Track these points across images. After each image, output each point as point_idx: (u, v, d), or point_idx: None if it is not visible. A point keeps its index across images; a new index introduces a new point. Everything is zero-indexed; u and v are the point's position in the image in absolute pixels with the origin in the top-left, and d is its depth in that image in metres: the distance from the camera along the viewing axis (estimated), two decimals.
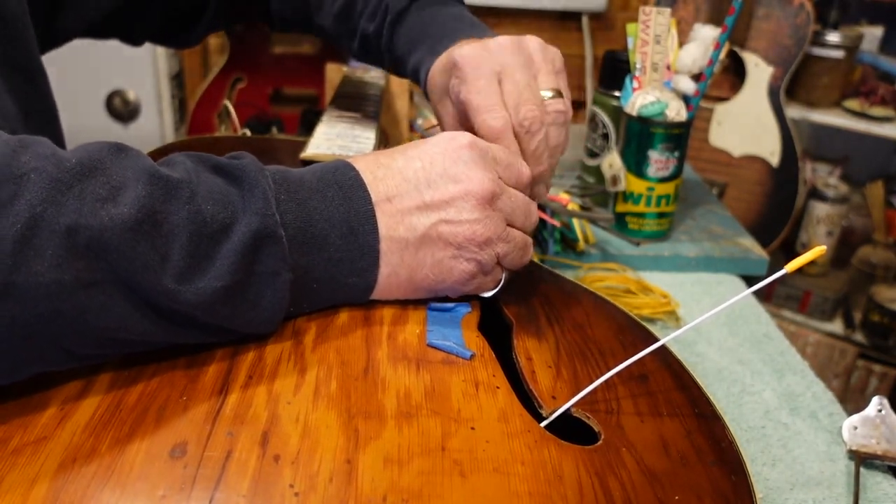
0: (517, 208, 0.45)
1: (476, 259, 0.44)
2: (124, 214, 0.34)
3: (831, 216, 1.66)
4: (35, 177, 0.32)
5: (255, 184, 0.39)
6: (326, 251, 0.41)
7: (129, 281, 0.34)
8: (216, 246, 0.36)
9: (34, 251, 0.32)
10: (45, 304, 0.32)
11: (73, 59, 1.74)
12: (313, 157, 0.69)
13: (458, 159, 0.44)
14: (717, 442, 0.39)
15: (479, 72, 0.51)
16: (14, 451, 0.33)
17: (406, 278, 0.44)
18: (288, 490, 0.32)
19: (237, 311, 0.38)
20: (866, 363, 1.64)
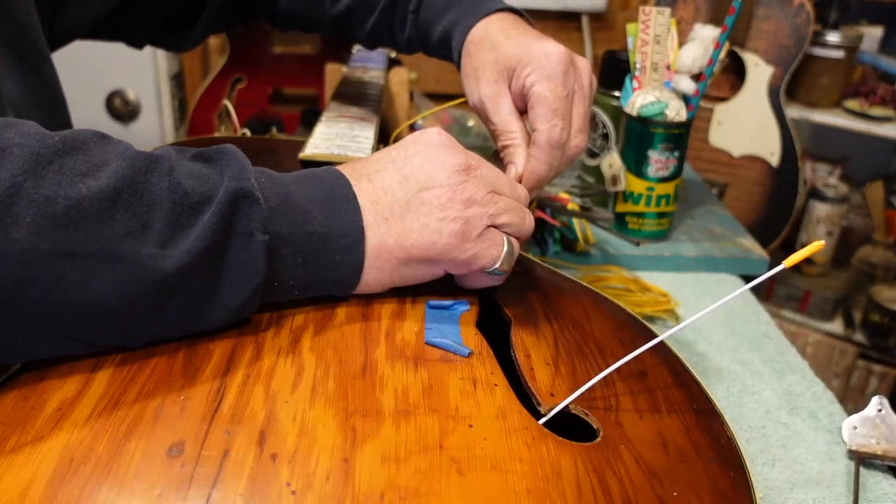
0: (499, 179, 0.46)
1: (462, 217, 0.43)
2: (103, 185, 0.34)
3: (831, 216, 1.66)
4: (18, 151, 0.33)
5: (233, 157, 0.40)
6: (309, 224, 0.41)
7: (108, 252, 0.34)
8: (197, 215, 0.37)
9: (12, 218, 0.32)
10: (20, 271, 0.33)
11: (73, 59, 1.74)
12: (312, 157, 0.69)
13: (430, 143, 0.45)
14: (716, 438, 0.39)
15: (562, 81, 0.53)
16: (11, 451, 0.32)
17: (396, 248, 0.43)
18: (285, 489, 0.32)
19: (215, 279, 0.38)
20: (866, 363, 1.64)
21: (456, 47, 0.60)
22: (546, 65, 0.53)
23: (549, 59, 0.53)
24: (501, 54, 0.55)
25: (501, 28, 0.57)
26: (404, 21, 0.65)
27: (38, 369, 0.38)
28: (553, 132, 0.52)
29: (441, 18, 0.62)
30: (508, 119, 0.55)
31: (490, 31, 0.57)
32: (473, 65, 0.57)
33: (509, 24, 0.57)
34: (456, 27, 0.60)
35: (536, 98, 0.53)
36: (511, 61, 0.54)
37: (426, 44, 0.65)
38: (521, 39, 0.55)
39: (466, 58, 0.58)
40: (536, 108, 0.53)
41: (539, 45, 0.54)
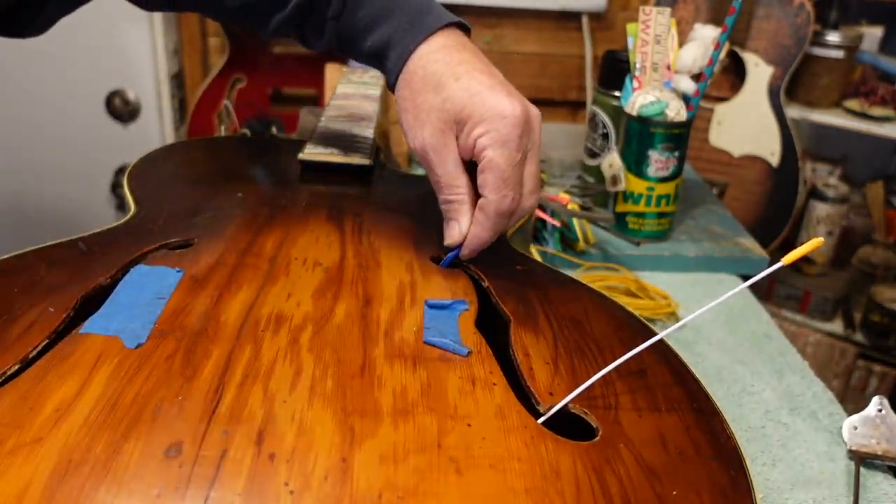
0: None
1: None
2: None
3: (831, 216, 1.66)
4: None
5: None
6: None
7: None
8: None
9: None
10: None
11: (73, 59, 1.75)
12: (312, 157, 0.70)
13: None
14: (715, 437, 0.39)
15: (517, 145, 0.50)
16: (10, 452, 0.32)
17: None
18: (283, 489, 0.32)
19: None
20: (866, 363, 1.64)
21: (392, 70, 0.54)
22: (500, 128, 0.49)
23: (504, 121, 0.49)
24: (450, 101, 0.50)
25: (447, 59, 0.52)
26: (321, 26, 0.59)
27: (38, 369, 0.38)
28: (503, 203, 0.50)
29: (371, 31, 0.56)
30: (454, 173, 0.52)
31: (434, 62, 0.52)
32: (416, 103, 0.52)
33: (455, 52, 0.52)
34: (392, 46, 0.54)
35: (488, 164, 0.49)
36: (461, 113, 0.50)
37: (350, 53, 0.60)
38: (471, 83, 0.50)
39: (406, 90, 0.53)
40: (487, 175, 0.49)
41: (492, 100, 0.49)
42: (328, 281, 0.49)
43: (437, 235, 0.58)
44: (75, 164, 1.78)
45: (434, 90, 0.51)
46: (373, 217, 0.60)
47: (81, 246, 0.51)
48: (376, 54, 0.56)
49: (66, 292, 0.45)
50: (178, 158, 0.73)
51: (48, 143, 1.75)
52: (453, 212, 0.53)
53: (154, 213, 0.58)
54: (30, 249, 0.50)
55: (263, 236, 0.54)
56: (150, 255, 0.51)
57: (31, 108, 1.73)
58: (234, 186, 0.64)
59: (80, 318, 0.43)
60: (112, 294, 0.45)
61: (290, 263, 0.50)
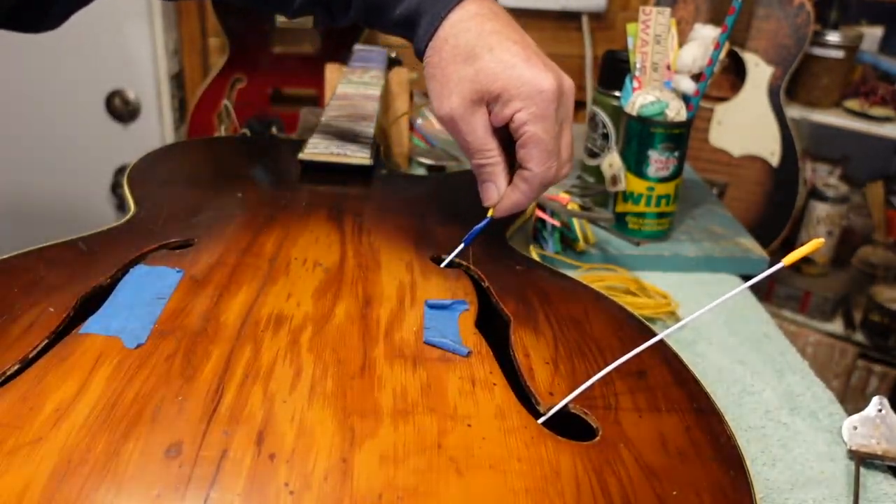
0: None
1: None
2: None
3: (831, 216, 1.66)
4: None
5: None
6: None
7: None
8: None
9: None
10: None
11: (73, 59, 1.74)
12: (312, 157, 0.69)
13: None
14: (715, 437, 0.39)
15: (555, 118, 0.50)
16: (10, 452, 0.32)
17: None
18: (283, 489, 0.32)
19: None
20: (866, 363, 1.64)
21: (422, 38, 0.53)
22: (539, 102, 0.49)
23: (541, 96, 0.49)
24: (483, 73, 0.50)
25: (480, 29, 0.51)
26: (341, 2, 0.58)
27: (37, 370, 0.38)
28: (548, 174, 0.51)
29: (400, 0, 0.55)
30: (485, 138, 0.52)
31: (466, 31, 0.51)
32: (445, 72, 0.52)
33: (487, 21, 0.52)
34: (422, 13, 0.53)
35: (530, 139, 0.50)
36: (494, 86, 0.50)
37: (377, 23, 0.59)
38: (504, 55, 0.50)
39: (435, 57, 0.52)
40: (531, 150, 0.50)
41: (528, 73, 0.49)
42: (328, 281, 0.49)
43: (437, 236, 0.58)
44: (75, 164, 1.77)
45: (465, 61, 0.51)
46: (373, 217, 0.60)
47: (81, 246, 0.51)
48: (405, 22, 0.55)
49: (66, 292, 0.45)
50: (178, 158, 0.73)
51: (48, 143, 1.75)
52: (487, 174, 0.53)
53: (154, 213, 0.58)
54: (30, 249, 0.50)
55: (263, 236, 0.54)
56: (150, 256, 0.51)
57: (31, 108, 1.72)
58: (234, 186, 0.64)
59: (80, 318, 0.43)
60: (112, 294, 0.45)
61: (290, 263, 0.50)
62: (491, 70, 0.50)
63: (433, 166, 0.95)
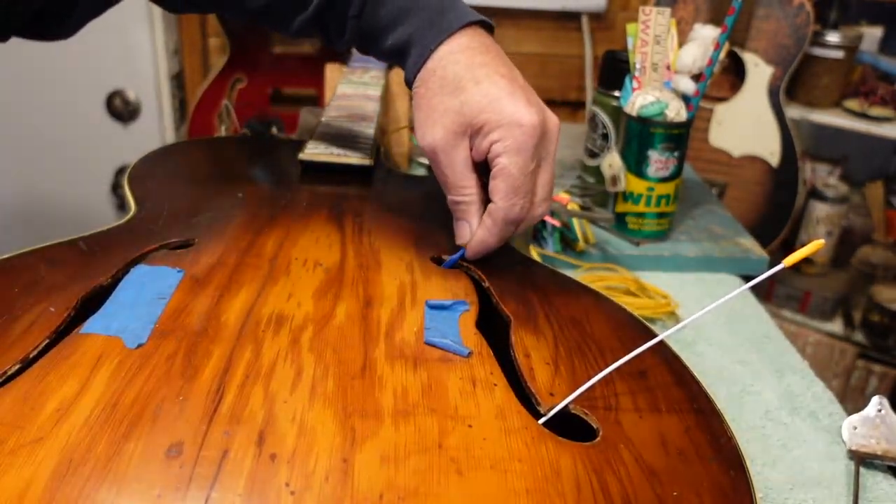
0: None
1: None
2: None
3: (831, 216, 1.66)
4: None
5: None
6: None
7: None
8: None
9: None
10: None
11: (73, 59, 1.75)
12: (312, 158, 0.70)
13: None
14: (715, 438, 0.39)
15: (531, 154, 0.50)
16: (10, 452, 0.32)
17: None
18: (284, 489, 0.32)
19: None
20: (866, 363, 1.64)
21: (411, 68, 0.54)
22: (517, 136, 0.49)
23: (520, 129, 0.49)
24: (468, 105, 0.50)
25: (469, 62, 0.51)
26: (343, 25, 0.58)
27: (38, 369, 0.38)
28: (511, 211, 0.50)
29: (392, 30, 0.55)
30: (463, 173, 0.52)
31: (455, 64, 0.52)
32: (431, 103, 0.52)
33: (477, 54, 0.52)
34: (412, 44, 0.54)
35: (500, 171, 0.49)
36: (477, 118, 0.50)
37: (371, 51, 0.60)
38: (490, 88, 0.50)
39: (422, 87, 0.53)
40: (499, 182, 0.50)
41: (511, 107, 0.49)
42: (329, 281, 0.49)
43: (437, 236, 0.58)
44: (75, 164, 1.78)
45: (452, 93, 0.51)
46: (373, 217, 0.60)
47: (81, 246, 0.51)
48: (397, 52, 0.56)
49: (66, 292, 0.45)
50: (178, 158, 0.73)
51: (48, 143, 1.75)
52: (461, 212, 0.53)
53: (154, 213, 0.58)
54: (30, 249, 0.50)
55: (264, 236, 0.54)
56: (150, 255, 0.51)
57: (31, 108, 1.73)
58: (234, 186, 0.64)
59: (80, 318, 0.43)
60: (112, 294, 0.45)
61: (290, 264, 0.51)
62: (476, 102, 0.50)
63: None
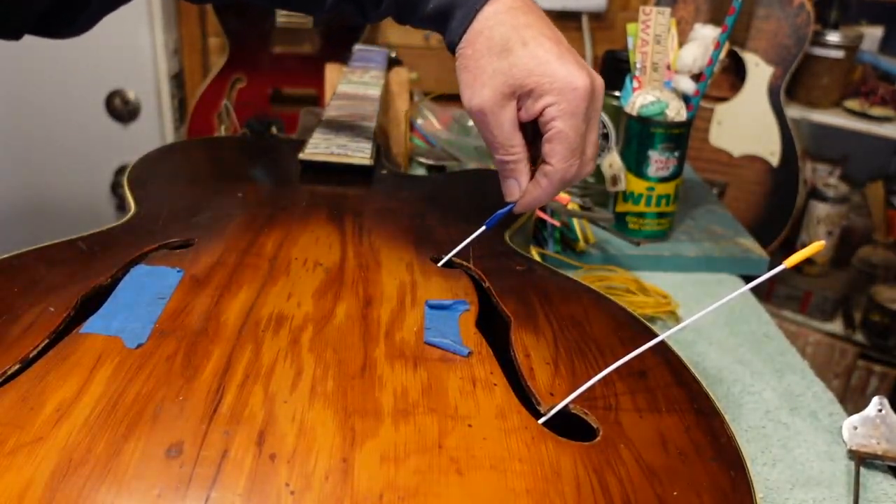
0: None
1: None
2: None
3: (831, 216, 1.66)
4: None
5: None
6: None
7: None
8: None
9: None
10: None
11: (73, 59, 1.74)
12: (312, 157, 0.69)
13: None
14: (716, 438, 0.39)
15: (584, 116, 0.50)
16: (10, 452, 0.32)
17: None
18: (284, 489, 0.32)
19: None
20: (866, 363, 1.64)
21: (456, 31, 0.53)
22: (571, 99, 0.49)
23: (574, 93, 0.49)
24: (517, 67, 0.50)
25: (514, 22, 0.51)
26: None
27: (38, 369, 0.38)
28: (569, 172, 0.51)
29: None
30: (511, 133, 0.52)
31: (500, 25, 0.52)
32: (479, 64, 0.52)
33: (521, 15, 0.52)
34: (457, 6, 0.53)
35: (556, 134, 0.50)
36: (527, 80, 0.50)
37: (409, 18, 0.59)
38: (538, 50, 0.50)
39: (469, 49, 0.53)
40: (556, 145, 0.50)
41: (562, 70, 0.49)
42: (329, 281, 0.49)
43: (437, 236, 0.58)
44: (75, 164, 1.77)
45: (499, 54, 0.51)
46: (373, 217, 0.60)
47: (81, 246, 0.51)
48: (439, 16, 0.55)
49: (66, 292, 0.45)
50: (178, 158, 0.73)
51: (48, 143, 1.75)
52: (510, 171, 0.53)
53: (154, 213, 0.58)
54: (30, 249, 0.50)
55: (264, 236, 0.54)
56: (150, 255, 0.51)
57: (31, 108, 1.72)
58: (234, 186, 0.64)
59: (80, 318, 0.43)
60: (112, 294, 0.45)
61: (290, 263, 0.50)
62: (525, 65, 0.50)
63: (433, 166, 0.95)
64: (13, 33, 0.60)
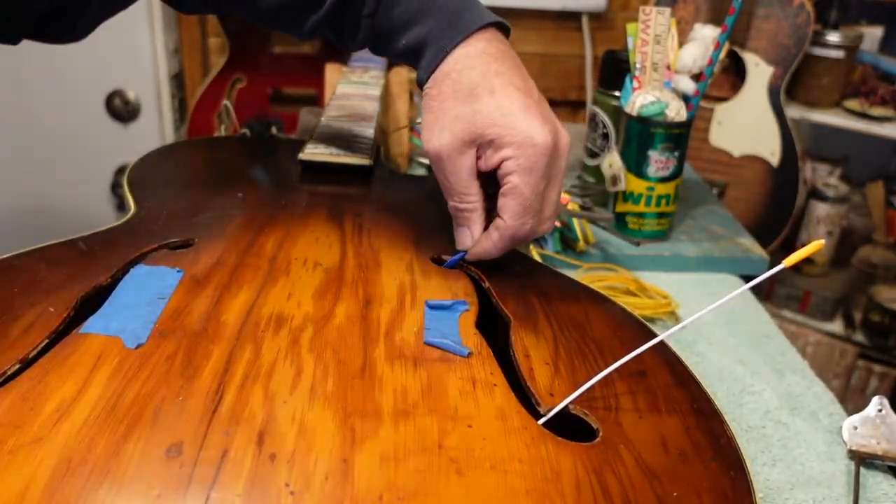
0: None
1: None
2: None
3: (831, 216, 1.66)
4: None
5: None
6: None
7: None
8: None
9: None
10: None
11: (73, 59, 1.74)
12: (312, 157, 0.69)
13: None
14: (716, 438, 0.39)
15: (543, 173, 0.49)
16: (10, 452, 0.32)
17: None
18: (284, 489, 0.32)
19: None
20: (866, 363, 1.64)
21: (425, 69, 0.53)
22: (530, 155, 0.48)
23: (533, 149, 0.48)
24: (480, 114, 0.49)
25: (485, 69, 0.50)
26: (357, 25, 0.57)
27: (38, 369, 0.38)
28: (521, 230, 0.50)
29: (407, 29, 0.54)
30: (467, 181, 0.51)
31: (470, 69, 0.51)
32: (442, 107, 0.51)
33: (493, 62, 0.51)
34: (427, 45, 0.53)
35: (511, 190, 0.49)
36: (489, 131, 0.49)
37: (384, 51, 0.59)
38: (504, 101, 0.49)
39: (435, 90, 0.52)
40: (509, 201, 0.49)
41: (525, 124, 0.48)
42: (328, 281, 0.49)
43: (437, 236, 0.58)
44: (75, 164, 1.78)
45: (465, 100, 0.50)
46: (373, 217, 0.60)
47: (81, 246, 0.51)
48: (411, 52, 0.55)
49: (66, 292, 0.45)
50: (178, 158, 0.73)
51: (48, 143, 1.75)
52: (463, 219, 0.53)
53: (154, 213, 0.58)
54: (30, 249, 0.50)
55: (264, 236, 0.54)
56: (150, 255, 0.51)
57: (31, 108, 1.73)
58: (234, 186, 0.64)
59: (80, 318, 0.43)
60: (112, 294, 0.45)
61: (290, 264, 0.50)
62: (489, 113, 0.49)
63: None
64: (12, 36, 0.59)
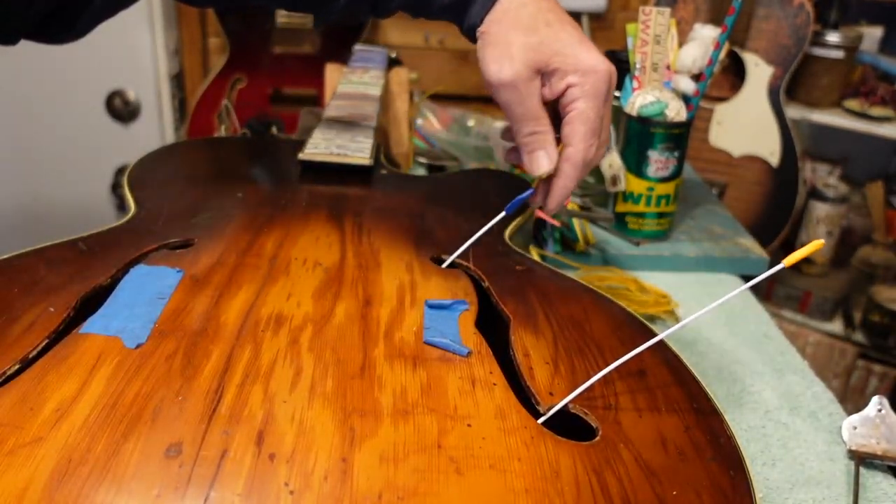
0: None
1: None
2: None
3: (831, 216, 1.66)
4: None
5: None
6: None
7: None
8: None
9: None
10: None
11: (72, 59, 1.74)
12: (312, 157, 0.70)
13: None
14: (715, 437, 0.39)
15: (604, 99, 0.52)
16: (9, 452, 0.32)
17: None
18: (283, 489, 0.32)
19: None
20: (866, 363, 1.64)
21: (477, 13, 0.54)
22: (594, 82, 0.51)
23: (596, 75, 0.51)
24: (544, 44, 0.51)
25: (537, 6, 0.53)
26: None
27: (38, 370, 0.38)
28: (590, 152, 0.52)
29: None
30: (539, 106, 0.52)
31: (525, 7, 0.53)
32: (507, 39, 0.52)
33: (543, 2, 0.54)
34: None
35: (578, 115, 0.51)
36: (553, 59, 0.51)
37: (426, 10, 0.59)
38: (562, 33, 0.52)
39: (495, 26, 0.53)
40: (577, 125, 0.51)
41: (585, 55, 0.51)
42: (328, 281, 0.49)
43: (437, 236, 0.58)
44: (75, 164, 1.78)
45: (526, 31, 0.52)
46: (373, 217, 0.60)
47: (81, 246, 0.51)
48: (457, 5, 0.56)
49: (66, 292, 0.45)
50: (178, 158, 0.73)
51: (48, 143, 1.75)
52: (539, 143, 0.53)
53: (154, 213, 0.58)
54: (30, 249, 0.50)
55: (263, 236, 0.54)
56: (150, 255, 0.51)
57: (31, 109, 1.73)
58: (234, 186, 0.64)
59: (80, 318, 0.43)
60: (112, 294, 0.45)
61: (290, 263, 0.51)
62: (550, 44, 0.52)
63: (433, 166, 0.95)
64: (11, 37, 0.60)
